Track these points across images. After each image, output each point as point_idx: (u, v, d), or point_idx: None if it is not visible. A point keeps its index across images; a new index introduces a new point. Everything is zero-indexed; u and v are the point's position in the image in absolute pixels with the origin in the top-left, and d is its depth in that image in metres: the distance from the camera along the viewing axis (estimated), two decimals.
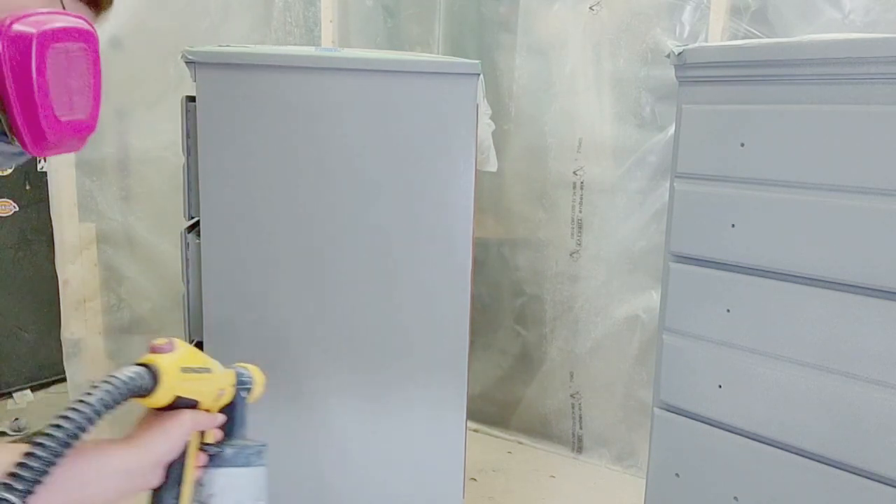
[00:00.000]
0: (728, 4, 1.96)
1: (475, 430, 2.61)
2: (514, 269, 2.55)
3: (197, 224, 1.49)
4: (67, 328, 2.27)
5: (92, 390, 0.63)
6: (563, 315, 2.45)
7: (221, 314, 1.47)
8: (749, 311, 1.43)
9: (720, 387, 1.49)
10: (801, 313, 1.36)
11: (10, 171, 2.53)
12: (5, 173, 2.56)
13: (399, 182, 1.46)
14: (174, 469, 0.75)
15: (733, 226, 1.43)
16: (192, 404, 0.76)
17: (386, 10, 2.62)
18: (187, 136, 1.45)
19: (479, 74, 1.47)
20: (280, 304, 1.48)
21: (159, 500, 0.74)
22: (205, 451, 0.80)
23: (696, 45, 1.57)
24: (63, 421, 0.60)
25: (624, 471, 2.38)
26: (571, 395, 2.47)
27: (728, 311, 1.46)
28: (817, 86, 1.32)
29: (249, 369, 0.87)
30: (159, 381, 0.69)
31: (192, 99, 1.42)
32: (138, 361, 0.70)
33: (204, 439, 0.80)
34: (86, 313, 2.29)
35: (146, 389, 0.68)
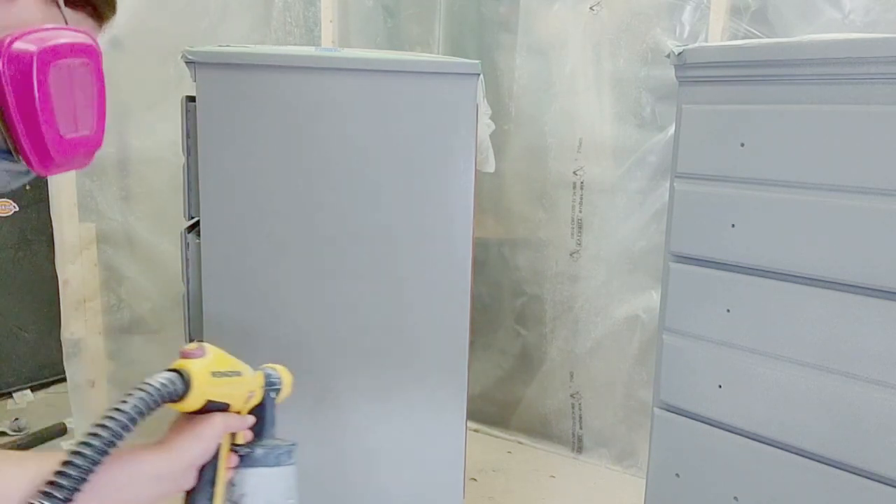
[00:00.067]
0: (728, 4, 1.96)
1: (475, 430, 2.61)
2: (514, 269, 2.55)
3: (197, 224, 1.49)
4: (67, 328, 2.27)
5: (126, 398, 0.64)
6: (563, 315, 2.45)
7: (221, 314, 1.47)
8: (749, 311, 1.43)
9: (720, 387, 1.49)
10: (801, 313, 1.36)
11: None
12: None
13: (399, 182, 1.46)
14: (207, 471, 0.76)
15: (733, 226, 1.43)
16: (223, 407, 0.77)
17: (386, 10, 2.62)
18: (187, 136, 1.45)
19: (479, 74, 1.47)
20: (279, 304, 1.48)
21: (193, 501, 0.75)
22: (236, 452, 0.81)
23: (696, 45, 1.57)
24: (100, 429, 0.61)
25: (624, 471, 2.38)
26: (571, 395, 2.47)
27: (728, 311, 1.46)
28: (817, 86, 1.32)
29: (277, 370, 0.88)
30: (191, 387, 0.70)
31: (192, 99, 1.42)
32: (170, 367, 0.71)
33: (235, 441, 0.81)
34: (86, 313, 2.29)
35: (178, 395, 0.69)
